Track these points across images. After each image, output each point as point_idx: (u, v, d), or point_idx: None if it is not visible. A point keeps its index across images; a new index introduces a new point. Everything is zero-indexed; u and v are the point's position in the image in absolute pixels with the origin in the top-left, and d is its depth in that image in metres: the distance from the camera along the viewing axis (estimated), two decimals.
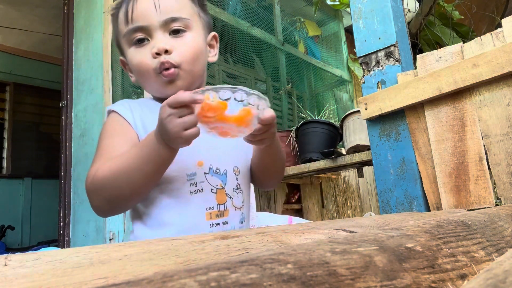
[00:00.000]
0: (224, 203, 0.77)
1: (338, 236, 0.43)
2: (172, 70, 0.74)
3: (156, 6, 0.74)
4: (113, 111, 0.79)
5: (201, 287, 0.17)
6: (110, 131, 0.76)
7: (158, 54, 0.73)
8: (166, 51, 0.73)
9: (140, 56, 0.75)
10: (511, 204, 0.85)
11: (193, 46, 0.77)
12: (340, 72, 3.64)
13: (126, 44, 0.78)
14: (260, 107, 0.61)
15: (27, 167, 4.49)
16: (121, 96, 2.19)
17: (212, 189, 0.76)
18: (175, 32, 0.75)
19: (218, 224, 0.75)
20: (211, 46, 0.87)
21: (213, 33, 0.87)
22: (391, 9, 1.13)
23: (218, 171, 0.77)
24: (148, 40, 0.75)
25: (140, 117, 0.77)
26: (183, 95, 0.58)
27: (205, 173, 0.75)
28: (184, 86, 0.76)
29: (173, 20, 0.75)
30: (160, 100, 0.76)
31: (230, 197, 0.78)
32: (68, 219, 2.33)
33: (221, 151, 0.79)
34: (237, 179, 0.80)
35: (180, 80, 0.76)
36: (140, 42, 0.75)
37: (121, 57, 0.85)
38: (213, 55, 0.86)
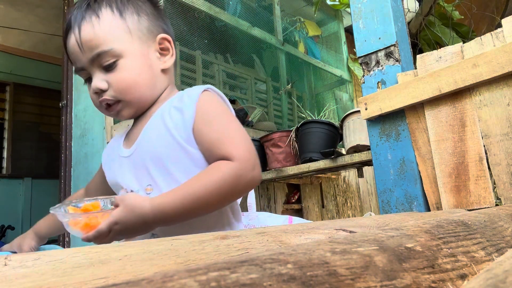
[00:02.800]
0: None
1: (338, 236, 0.43)
2: (113, 105, 0.75)
3: (79, 45, 0.72)
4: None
5: (201, 287, 0.17)
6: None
7: (96, 93, 0.74)
8: (102, 90, 0.73)
9: (90, 95, 0.77)
10: (511, 204, 0.85)
11: (128, 75, 0.74)
12: (340, 72, 3.65)
13: None
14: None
15: (27, 167, 4.48)
16: None
17: None
18: (107, 67, 0.73)
19: None
20: (163, 50, 0.80)
21: (161, 35, 0.79)
22: (391, 9, 1.13)
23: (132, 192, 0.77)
24: (90, 77, 0.75)
25: None
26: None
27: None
28: (132, 113, 0.78)
29: (98, 55, 0.72)
30: None
31: None
32: None
33: (133, 173, 0.78)
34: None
35: (125, 110, 0.77)
36: (87, 80, 0.77)
37: None
38: (167, 59, 0.81)
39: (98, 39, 0.72)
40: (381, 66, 1.14)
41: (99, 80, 0.73)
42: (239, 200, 0.84)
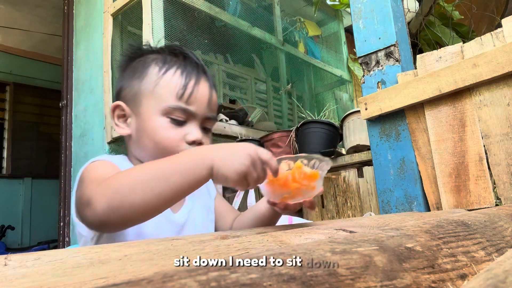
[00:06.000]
0: None
1: (338, 236, 0.43)
2: None
3: (209, 99, 0.79)
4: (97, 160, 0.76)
5: (201, 287, 0.17)
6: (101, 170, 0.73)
7: (192, 142, 0.76)
8: (199, 143, 0.77)
9: (172, 135, 0.75)
10: (511, 204, 0.85)
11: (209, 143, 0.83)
12: (340, 72, 3.64)
13: (157, 110, 0.75)
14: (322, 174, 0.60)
15: (27, 167, 4.48)
16: None
17: None
18: (205, 129, 0.80)
19: None
20: None
21: None
22: (391, 9, 1.13)
23: None
24: (185, 122, 0.77)
25: None
26: (275, 163, 0.61)
27: None
28: None
29: (210, 118, 0.80)
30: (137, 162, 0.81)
31: None
32: (68, 219, 2.33)
33: (197, 227, 0.82)
34: None
35: None
36: (179, 122, 0.76)
37: (119, 102, 0.79)
38: None
39: (216, 107, 0.83)
40: (381, 66, 1.14)
41: (201, 135, 0.78)
42: (239, 200, 0.86)
